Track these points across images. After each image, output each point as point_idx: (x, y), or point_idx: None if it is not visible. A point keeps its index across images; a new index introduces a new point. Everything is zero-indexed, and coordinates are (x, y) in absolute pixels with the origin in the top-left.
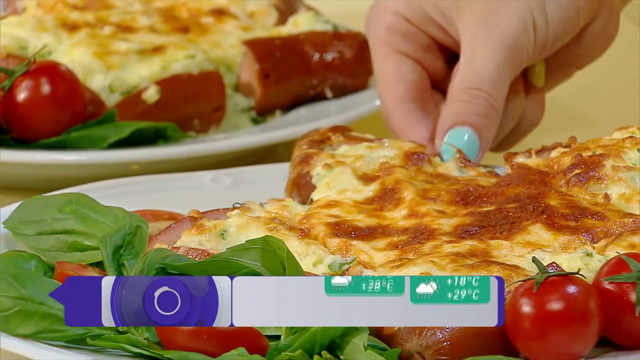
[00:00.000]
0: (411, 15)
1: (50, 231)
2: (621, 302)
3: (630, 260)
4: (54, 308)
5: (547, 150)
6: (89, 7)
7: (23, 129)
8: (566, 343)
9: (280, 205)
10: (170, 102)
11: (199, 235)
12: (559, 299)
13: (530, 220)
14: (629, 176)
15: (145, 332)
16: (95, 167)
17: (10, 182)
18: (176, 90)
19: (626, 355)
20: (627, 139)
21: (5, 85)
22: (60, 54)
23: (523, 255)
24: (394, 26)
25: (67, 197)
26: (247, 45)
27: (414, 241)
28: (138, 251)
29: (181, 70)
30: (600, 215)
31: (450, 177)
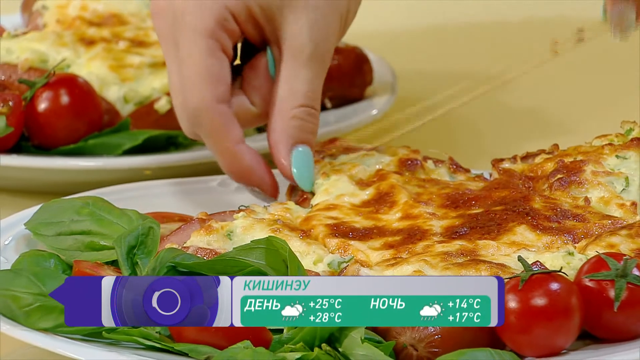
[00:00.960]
0: (238, 14)
1: (68, 232)
2: (601, 298)
3: (609, 259)
4: None
5: (532, 156)
6: (104, 23)
7: (43, 137)
8: (550, 336)
9: (283, 208)
10: None
11: (207, 236)
12: (542, 295)
13: (516, 222)
14: (608, 181)
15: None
16: (111, 172)
17: (31, 186)
18: None
19: (606, 348)
20: (606, 146)
21: (27, 96)
22: (78, 67)
23: (509, 254)
24: (223, 22)
25: (85, 200)
26: None
27: (407, 241)
28: (150, 251)
29: None
30: (581, 217)
31: (441, 182)
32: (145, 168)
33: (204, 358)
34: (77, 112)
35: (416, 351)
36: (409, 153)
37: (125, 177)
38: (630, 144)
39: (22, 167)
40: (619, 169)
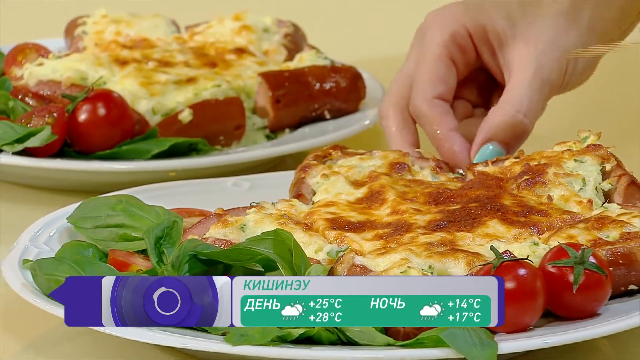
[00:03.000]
0: (473, 32)
1: (104, 225)
2: (562, 282)
3: (568, 248)
4: None
5: (501, 160)
6: (136, 46)
7: (83, 144)
8: (518, 315)
9: (289, 205)
10: (200, 122)
11: (223, 229)
12: (512, 280)
13: (488, 217)
14: (567, 181)
15: None
16: (141, 174)
17: (73, 186)
18: (205, 112)
19: (566, 325)
20: (566, 151)
21: (69, 108)
22: (113, 83)
23: (483, 244)
24: (457, 37)
25: (118, 198)
26: (262, 76)
27: (395, 233)
28: (175, 241)
29: (209, 97)
30: (545, 213)
31: (425, 182)
32: (170, 170)
33: (221, 333)
34: (112, 122)
35: (403, 328)
36: (398, 157)
37: (153, 178)
38: (586, 149)
39: (65, 170)
40: (576, 171)
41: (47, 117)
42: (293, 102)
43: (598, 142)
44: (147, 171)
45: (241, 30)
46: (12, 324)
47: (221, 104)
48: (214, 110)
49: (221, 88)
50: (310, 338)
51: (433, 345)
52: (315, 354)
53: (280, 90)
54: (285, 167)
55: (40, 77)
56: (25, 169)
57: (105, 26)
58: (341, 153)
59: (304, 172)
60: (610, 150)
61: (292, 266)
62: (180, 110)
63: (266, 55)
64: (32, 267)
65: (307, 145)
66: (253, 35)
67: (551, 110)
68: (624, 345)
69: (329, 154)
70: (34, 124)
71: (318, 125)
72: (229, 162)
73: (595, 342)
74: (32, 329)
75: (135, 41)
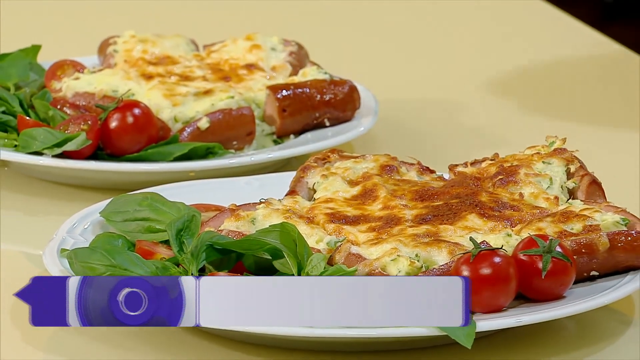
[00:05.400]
0: None
1: (132, 219)
2: (532, 269)
3: (538, 239)
4: (133, 272)
5: (479, 162)
6: (160, 63)
7: (114, 148)
8: (493, 297)
9: (293, 201)
10: (216, 128)
11: (236, 222)
12: (488, 266)
13: (467, 211)
14: (537, 180)
15: None
16: (164, 174)
17: (104, 184)
18: (221, 120)
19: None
20: (535, 154)
21: (102, 117)
22: (140, 95)
23: (463, 235)
24: None
25: (144, 195)
26: (270, 89)
27: (386, 226)
28: (194, 233)
29: (224, 106)
30: (517, 208)
31: (412, 181)
32: (190, 171)
33: None
34: (139, 129)
35: None
36: (388, 160)
37: (174, 178)
38: (553, 153)
39: (98, 170)
40: (544, 172)
41: (82, 125)
42: (297, 111)
43: (563, 147)
44: (169, 172)
45: (252, 49)
46: None
47: (234, 113)
48: (228, 118)
49: (234, 99)
50: None
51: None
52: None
53: (286, 101)
54: (291, 168)
55: (76, 89)
56: (63, 169)
57: (133, 45)
58: (338, 156)
59: (303, 172)
60: (574, 154)
61: (296, 255)
62: (199, 118)
63: (273, 70)
64: (68, 255)
65: (309, 149)
66: (262, 53)
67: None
68: (587, 323)
69: (328, 156)
70: (70, 131)
71: (319, 132)
72: (241, 164)
73: (561, 321)
74: None
75: (160, 58)
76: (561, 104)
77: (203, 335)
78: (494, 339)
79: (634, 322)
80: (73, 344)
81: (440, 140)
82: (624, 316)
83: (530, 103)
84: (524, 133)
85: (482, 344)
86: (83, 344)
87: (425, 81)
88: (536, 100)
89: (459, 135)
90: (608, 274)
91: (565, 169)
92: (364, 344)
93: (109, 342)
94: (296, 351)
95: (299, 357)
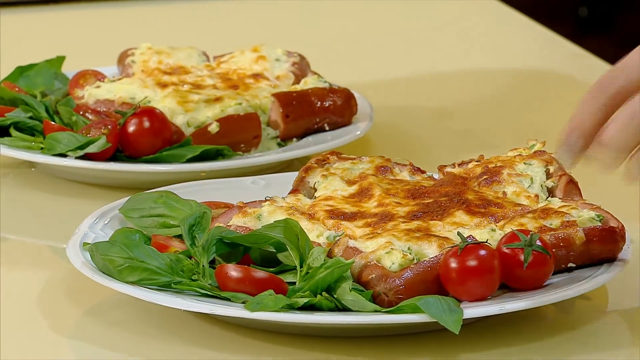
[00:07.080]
0: None
1: (148, 215)
2: (514, 261)
3: (519, 233)
4: (150, 264)
5: (465, 163)
6: (174, 72)
7: (132, 150)
8: (479, 287)
9: (296, 199)
10: (226, 132)
11: (243, 218)
12: (474, 259)
13: (455, 208)
14: (519, 180)
15: (209, 280)
16: (178, 174)
17: (124, 184)
18: (229, 125)
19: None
20: (517, 156)
21: (121, 122)
22: (156, 102)
23: (451, 230)
24: None
25: (160, 193)
26: (274, 96)
27: (381, 222)
28: (204, 228)
29: (233, 112)
30: (500, 205)
31: (404, 181)
32: (201, 171)
33: (241, 302)
34: (155, 133)
35: (387, 297)
36: (382, 161)
37: (187, 178)
38: (534, 154)
39: (117, 171)
40: (526, 172)
41: (103, 129)
42: (299, 117)
43: (543, 149)
44: (182, 172)
45: (258, 60)
46: (74, 294)
47: (242, 118)
48: (236, 123)
49: (242, 105)
50: (313, 306)
51: (411, 312)
52: (317, 319)
53: (289, 107)
54: (293, 168)
55: (97, 97)
56: (85, 170)
57: (149, 56)
58: (337, 158)
59: (305, 173)
60: (553, 155)
61: (298, 248)
62: (210, 123)
63: (278, 79)
64: (90, 249)
65: (310, 152)
66: (267, 64)
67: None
68: (564, 311)
69: (327, 158)
70: (92, 134)
71: (319, 136)
72: (248, 165)
73: (541, 308)
74: (89, 299)
75: (174, 68)
76: (542, 110)
77: (219, 324)
78: (480, 326)
79: (607, 309)
80: (96, 331)
81: (431, 143)
82: (598, 304)
83: (514, 110)
84: (507, 137)
85: (469, 330)
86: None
87: (416, 89)
88: (519, 107)
89: (447, 139)
90: (584, 265)
91: (545, 169)
92: (357, 329)
93: (129, 329)
94: (295, 336)
95: (298, 342)
